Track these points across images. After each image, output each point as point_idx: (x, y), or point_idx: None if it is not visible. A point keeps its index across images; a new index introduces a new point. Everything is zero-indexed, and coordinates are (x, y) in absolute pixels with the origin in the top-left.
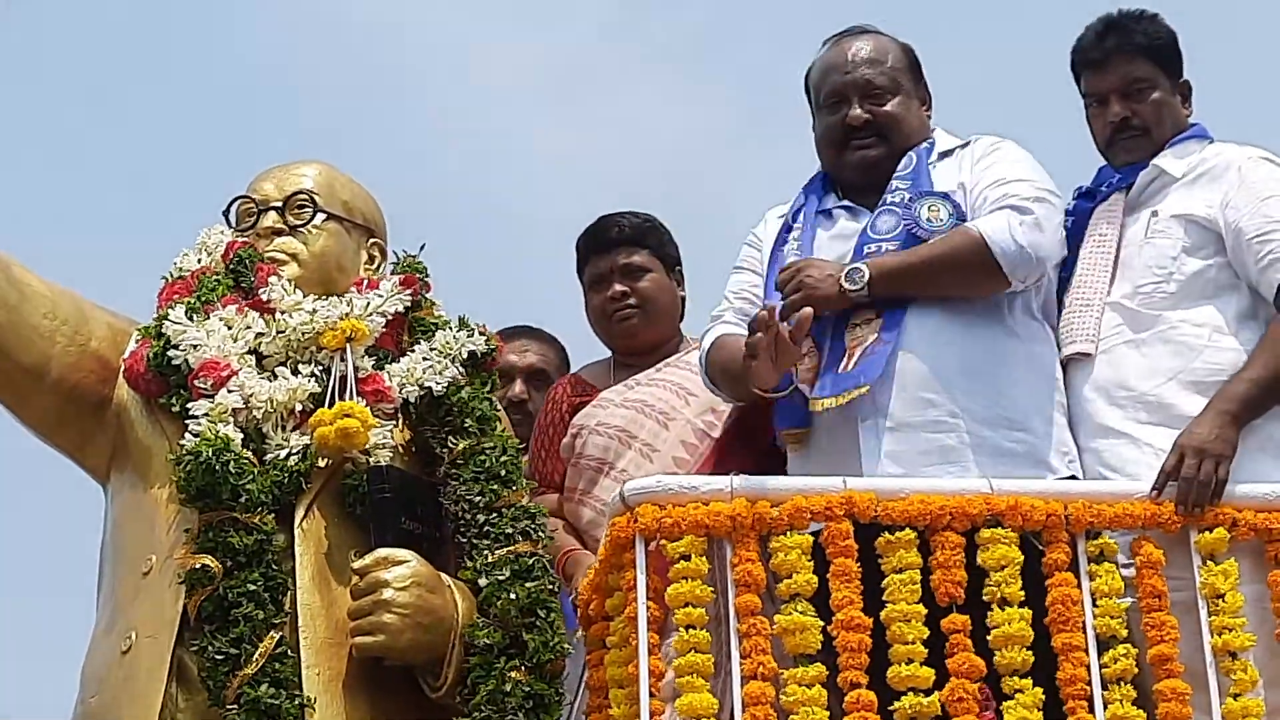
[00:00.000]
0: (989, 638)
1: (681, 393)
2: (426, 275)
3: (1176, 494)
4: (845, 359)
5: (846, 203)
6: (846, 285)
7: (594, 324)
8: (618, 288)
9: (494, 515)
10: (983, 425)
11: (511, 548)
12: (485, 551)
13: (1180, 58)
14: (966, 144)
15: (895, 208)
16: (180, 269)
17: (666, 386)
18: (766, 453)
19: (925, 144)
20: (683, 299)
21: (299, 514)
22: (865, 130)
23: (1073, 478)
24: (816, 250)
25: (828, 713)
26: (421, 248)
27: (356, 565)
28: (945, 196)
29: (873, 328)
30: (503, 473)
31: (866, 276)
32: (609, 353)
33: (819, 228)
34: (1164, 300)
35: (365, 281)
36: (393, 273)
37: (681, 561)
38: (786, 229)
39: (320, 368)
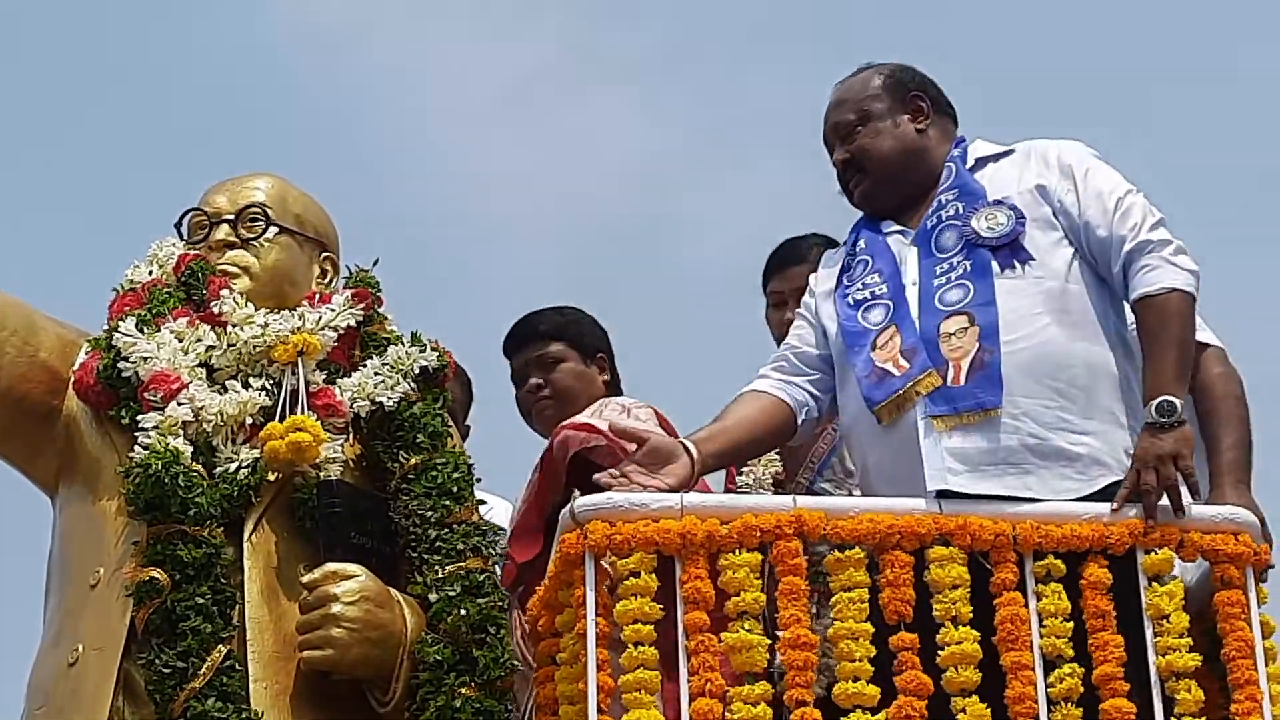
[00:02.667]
0: (938, 656)
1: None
2: (379, 290)
3: None
4: (951, 370)
5: (897, 227)
6: (1164, 419)
7: (522, 416)
8: (533, 380)
9: (445, 531)
10: (1045, 428)
11: (462, 563)
12: (436, 567)
13: None
14: (1010, 150)
15: (954, 222)
16: (131, 281)
17: None
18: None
19: (956, 154)
20: (609, 380)
21: (248, 528)
22: (848, 169)
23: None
24: (903, 263)
25: None
26: (375, 262)
27: (305, 579)
28: (1001, 203)
29: (970, 335)
30: (454, 489)
31: (1178, 405)
32: None
33: (890, 245)
34: None
35: (317, 295)
36: (345, 287)
37: (630, 578)
38: (848, 263)
39: (271, 381)
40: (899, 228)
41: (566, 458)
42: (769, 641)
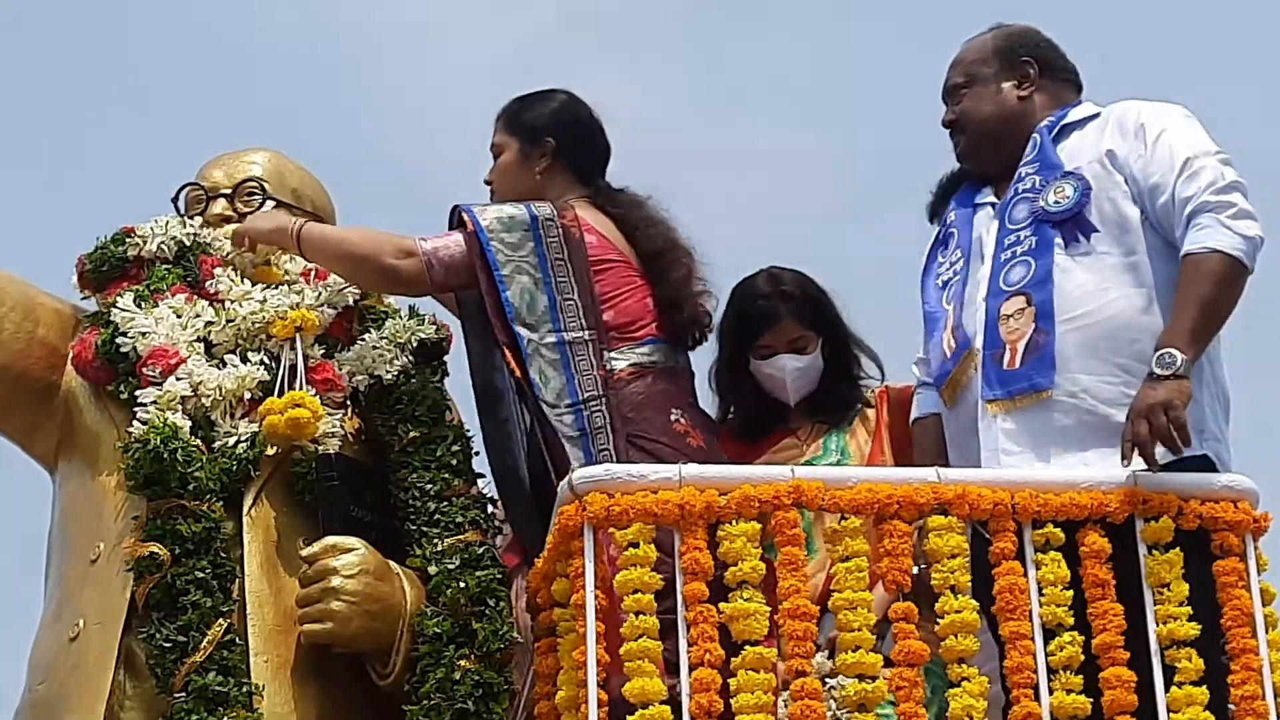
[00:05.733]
0: (937, 626)
1: None
2: None
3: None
4: (1007, 354)
5: (991, 198)
6: (1160, 370)
7: None
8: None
9: (444, 504)
10: (1106, 405)
11: (461, 536)
12: (435, 540)
13: None
14: (1097, 114)
15: (1029, 195)
16: None
17: None
18: None
19: (1047, 122)
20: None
21: (247, 502)
22: (952, 130)
23: (1204, 456)
24: (976, 240)
25: (773, 698)
26: None
27: (305, 553)
28: (1070, 174)
29: (1027, 317)
30: (454, 462)
31: (1179, 358)
32: None
33: (975, 219)
34: None
35: (315, 270)
36: None
37: (630, 549)
38: (941, 235)
39: (269, 356)
40: (992, 199)
41: None
42: (769, 609)
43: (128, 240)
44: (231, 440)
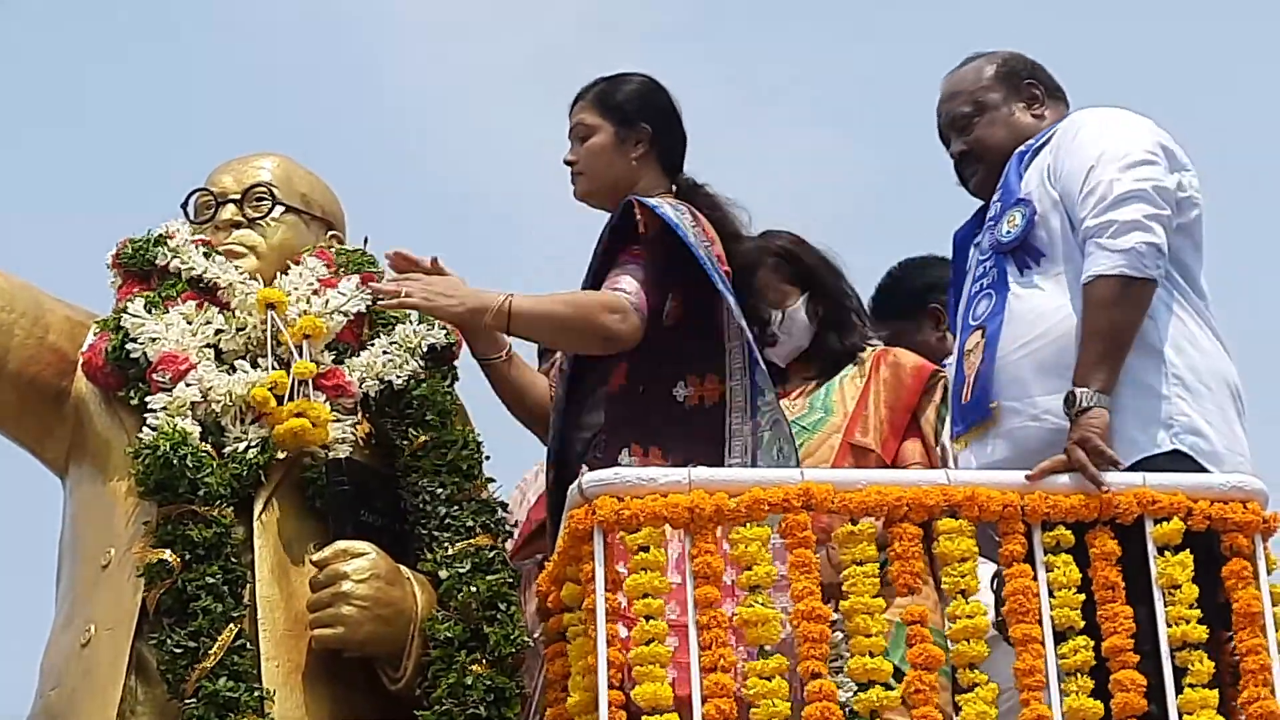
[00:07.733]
0: (948, 629)
1: None
2: (377, 268)
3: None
4: (965, 388)
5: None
6: (1067, 409)
7: None
8: None
9: (455, 508)
10: (1065, 419)
11: (472, 540)
12: (445, 544)
13: None
14: (1053, 133)
15: (991, 225)
16: None
17: None
18: None
19: (1021, 148)
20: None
21: (258, 507)
22: (965, 161)
23: (1175, 451)
24: (969, 276)
25: (788, 704)
26: (365, 241)
27: (315, 558)
28: (1022, 200)
29: (979, 349)
30: (464, 466)
31: (1080, 396)
32: None
33: (971, 255)
34: None
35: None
36: (341, 268)
37: (640, 553)
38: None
39: (279, 362)
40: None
41: None
42: (783, 615)
43: (159, 248)
44: (242, 446)
